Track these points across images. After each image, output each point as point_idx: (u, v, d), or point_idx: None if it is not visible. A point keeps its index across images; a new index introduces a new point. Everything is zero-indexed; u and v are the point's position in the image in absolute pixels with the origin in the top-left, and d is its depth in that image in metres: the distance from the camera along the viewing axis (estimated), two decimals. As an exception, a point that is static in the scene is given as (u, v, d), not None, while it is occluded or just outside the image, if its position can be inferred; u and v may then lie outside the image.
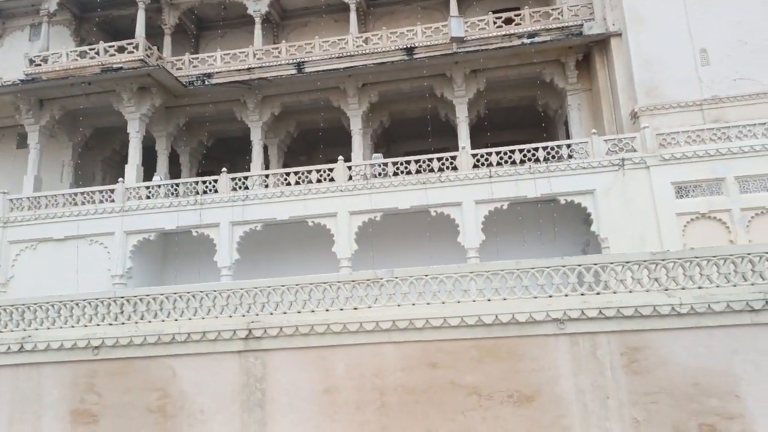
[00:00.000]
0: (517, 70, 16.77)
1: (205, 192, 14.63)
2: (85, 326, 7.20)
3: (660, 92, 14.15)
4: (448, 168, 14.33)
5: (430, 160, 14.39)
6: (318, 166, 14.79)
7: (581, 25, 15.94)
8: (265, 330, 6.72)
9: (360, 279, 6.56)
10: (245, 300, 6.98)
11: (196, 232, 14.35)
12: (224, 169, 15.03)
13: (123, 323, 7.11)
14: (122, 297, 7.31)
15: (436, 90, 17.09)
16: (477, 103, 17.62)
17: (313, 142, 19.29)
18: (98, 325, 7.17)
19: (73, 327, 7.19)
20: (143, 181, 15.95)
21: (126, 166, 16.08)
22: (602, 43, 15.59)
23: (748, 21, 14.12)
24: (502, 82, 17.15)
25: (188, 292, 7.17)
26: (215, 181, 14.78)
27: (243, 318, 6.87)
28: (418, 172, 14.39)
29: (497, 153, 14.24)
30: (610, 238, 13.01)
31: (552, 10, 16.61)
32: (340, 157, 14.79)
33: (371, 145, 18.38)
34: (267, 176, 15.58)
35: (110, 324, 7.12)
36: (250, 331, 6.75)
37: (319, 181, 14.62)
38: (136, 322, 7.06)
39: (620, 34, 15.03)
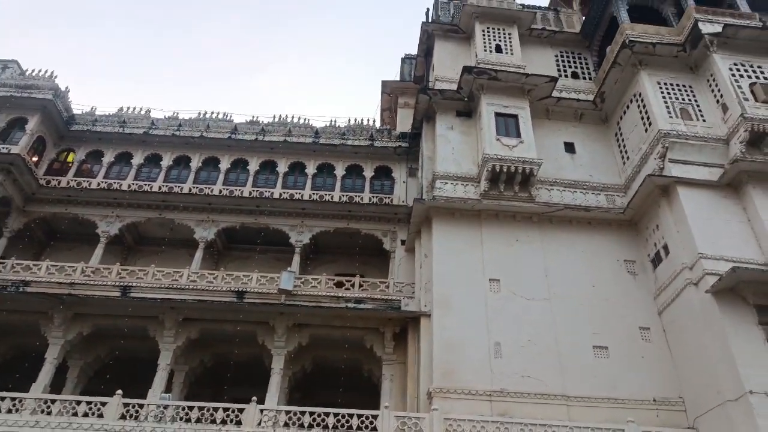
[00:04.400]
0: (340, 332, 17.06)
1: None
2: None
3: (455, 377, 14.52)
4: (232, 422, 13.32)
5: (215, 409, 13.42)
6: (89, 398, 13.43)
7: (400, 300, 17.08)
8: None
9: None
10: None
11: None
12: (-20, 386, 13.36)
13: None
14: None
15: (258, 337, 16.93)
16: (302, 357, 17.46)
17: (128, 372, 17.95)
18: None
19: None
20: None
21: None
22: (416, 320, 16.43)
23: (537, 323, 15.50)
24: (326, 340, 17.29)
25: None
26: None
27: None
28: (198, 421, 13.26)
29: (287, 413, 13.54)
30: None
31: (380, 282, 17.89)
32: (119, 392, 13.58)
33: (184, 385, 17.28)
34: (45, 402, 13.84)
35: None
36: None
37: (86, 415, 13.10)
38: None
39: (429, 315, 16.01)
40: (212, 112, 22.49)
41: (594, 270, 16.69)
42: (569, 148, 19.43)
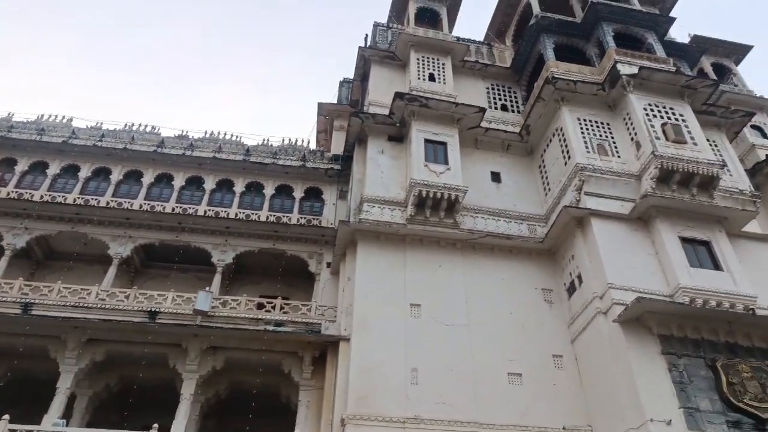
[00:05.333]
0: (257, 355, 16.44)
1: None
2: None
3: (370, 403, 14.26)
4: (129, 450, 12.57)
5: (110, 437, 12.65)
6: (-31, 421, 12.37)
7: (321, 324, 16.77)
8: None
9: None
10: None
11: None
12: None
13: None
14: None
15: (170, 360, 16.17)
16: (216, 382, 16.80)
17: (27, 395, 16.72)
18: None
19: None
20: None
21: None
22: (335, 345, 16.13)
23: (455, 350, 15.51)
24: (243, 364, 16.65)
25: None
26: None
27: None
28: (92, 449, 12.44)
29: (190, 440, 12.89)
30: None
31: (302, 305, 17.55)
32: (5, 416, 12.61)
33: (87, 410, 16.23)
34: None
35: None
36: None
37: (-35, 441, 12.06)
38: None
39: (349, 340, 15.76)
40: (139, 125, 21.80)
41: (513, 297, 16.95)
42: (495, 177, 19.89)
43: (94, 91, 69.07)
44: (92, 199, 19.28)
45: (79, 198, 19.21)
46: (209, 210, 19.84)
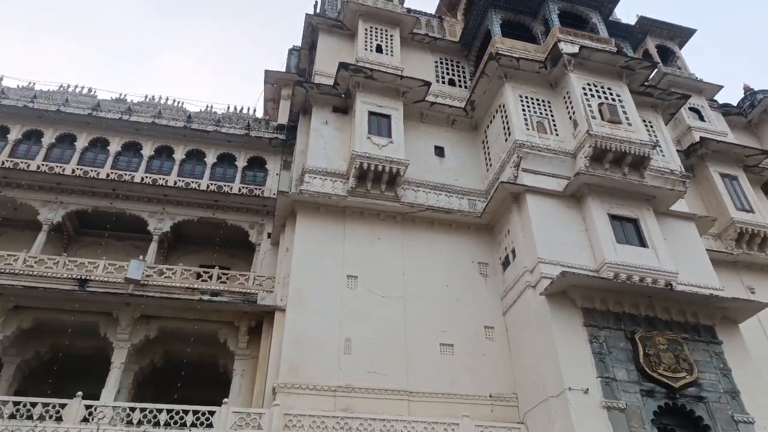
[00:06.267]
0: (192, 325, 16.37)
1: None
2: None
3: (302, 372, 14.40)
4: (51, 418, 12.37)
5: (33, 404, 12.40)
6: None
7: (257, 294, 16.73)
8: None
9: None
10: None
11: None
12: None
13: None
14: None
15: (101, 329, 15.93)
16: (151, 351, 16.68)
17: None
18: None
19: None
20: None
21: None
22: (272, 315, 16.16)
23: (390, 321, 15.76)
24: (178, 334, 16.50)
25: None
26: None
27: None
28: (12, 417, 12.19)
29: (114, 409, 12.79)
30: None
31: (240, 275, 17.44)
32: None
33: (14, 378, 15.93)
34: None
35: None
36: None
37: None
38: None
39: (284, 310, 15.80)
40: (75, 86, 20.88)
41: (449, 270, 17.24)
42: (439, 152, 19.99)
43: (29, 57, 65.58)
44: (22, 162, 18.51)
45: (7, 161, 18.41)
46: (147, 177, 19.33)
